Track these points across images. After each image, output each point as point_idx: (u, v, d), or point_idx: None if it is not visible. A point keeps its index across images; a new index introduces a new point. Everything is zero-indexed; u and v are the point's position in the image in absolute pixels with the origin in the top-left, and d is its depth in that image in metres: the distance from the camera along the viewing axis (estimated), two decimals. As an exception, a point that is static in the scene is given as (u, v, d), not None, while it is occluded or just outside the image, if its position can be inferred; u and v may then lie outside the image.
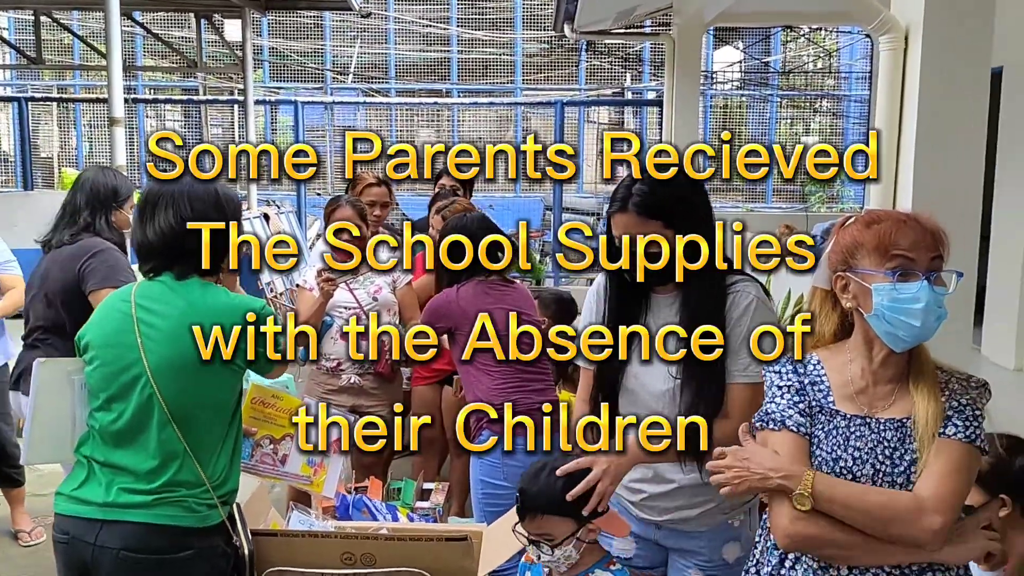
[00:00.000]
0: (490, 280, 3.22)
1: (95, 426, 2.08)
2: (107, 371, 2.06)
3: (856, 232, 1.73)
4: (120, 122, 6.04)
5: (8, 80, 17.51)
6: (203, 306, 2.06)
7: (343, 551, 2.20)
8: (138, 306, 2.07)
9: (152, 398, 2.01)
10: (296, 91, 15.61)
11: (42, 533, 4.22)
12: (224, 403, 2.08)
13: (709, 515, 2.16)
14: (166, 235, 2.09)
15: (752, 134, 15.60)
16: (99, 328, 2.12)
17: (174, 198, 2.10)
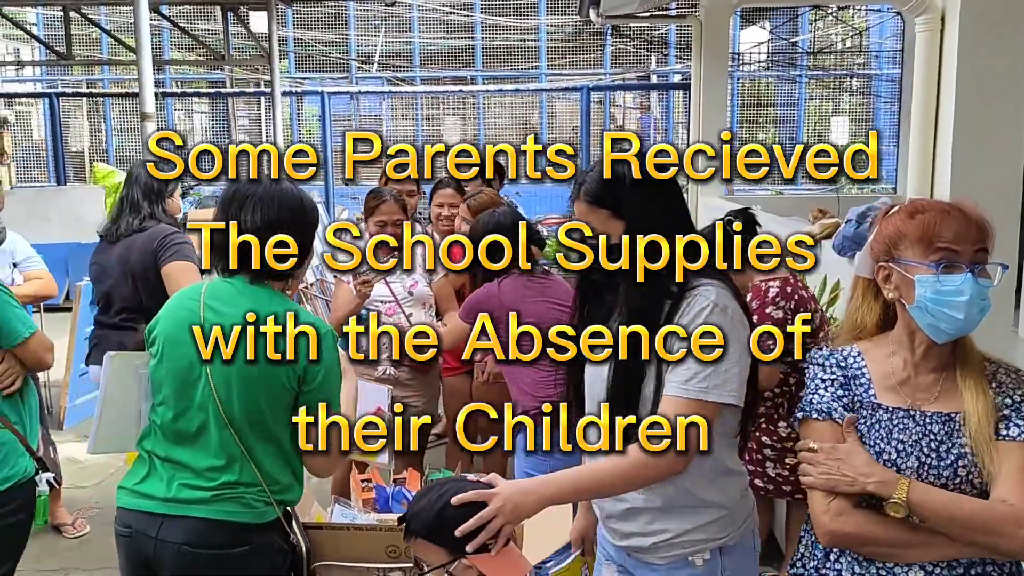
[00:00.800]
0: (529, 273, 3.23)
1: (156, 421, 2.11)
2: (171, 367, 2.08)
3: (899, 222, 1.72)
4: (152, 117, 6.11)
5: (38, 76, 17.73)
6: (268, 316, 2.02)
7: (388, 544, 2.23)
8: (206, 306, 2.08)
9: (212, 400, 2.03)
10: (322, 81, 15.67)
11: (84, 524, 4.32)
12: (284, 408, 2.06)
13: (666, 547, 1.91)
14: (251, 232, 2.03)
15: (780, 115, 15.44)
16: (167, 323, 2.13)
17: (262, 200, 2.07)
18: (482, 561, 1.76)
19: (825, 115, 15.74)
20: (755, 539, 1.99)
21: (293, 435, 2.08)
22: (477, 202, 3.91)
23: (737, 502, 1.93)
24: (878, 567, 1.71)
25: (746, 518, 1.95)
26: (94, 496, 4.68)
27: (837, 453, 1.70)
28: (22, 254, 4.21)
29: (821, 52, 15.97)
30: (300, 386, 2.06)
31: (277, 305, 2.08)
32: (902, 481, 1.64)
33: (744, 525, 1.94)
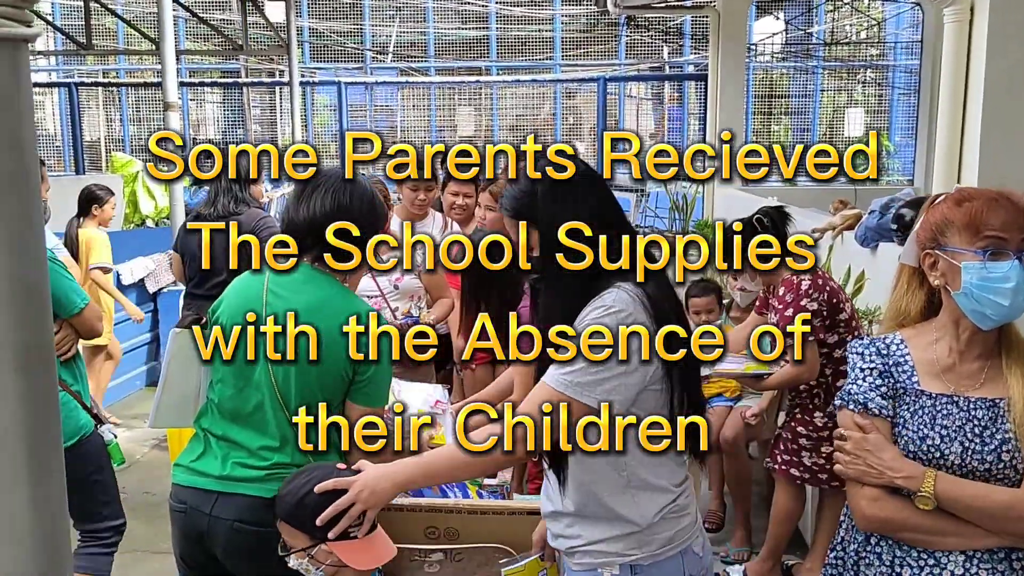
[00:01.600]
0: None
1: (214, 399, 2.15)
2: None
3: (946, 210, 1.73)
4: (174, 106, 6.15)
5: (53, 65, 17.79)
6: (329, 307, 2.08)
7: (427, 525, 2.26)
8: (270, 289, 2.11)
9: (268, 381, 2.07)
10: (336, 71, 15.68)
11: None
12: (338, 395, 2.11)
13: (580, 553, 1.85)
14: (316, 219, 2.09)
15: (795, 106, 15.38)
16: (231, 303, 2.17)
17: (335, 187, 2.12)
18: (340, 547, 1.82)
19: (840, 106, 15.68)
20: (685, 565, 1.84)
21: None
22: (499, 187, 3.89)
23: (653, 522, 1.81)
24: (918, 551, 1.73)
25: (668, 541, 1.81)
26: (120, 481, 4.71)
27: (866, 444, 1.73)
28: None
29: (837, 43, 15.89)
30: (354, 376, 2.09)
31: (337, 296, 2.12)
32: (928, 474, 1.67)
33: (666, 548, 1.81)
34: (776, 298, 3.35)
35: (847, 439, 1.76)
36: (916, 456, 1.73)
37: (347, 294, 2.17)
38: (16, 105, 0.83)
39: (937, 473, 1.68)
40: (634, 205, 11.90)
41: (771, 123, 15.53)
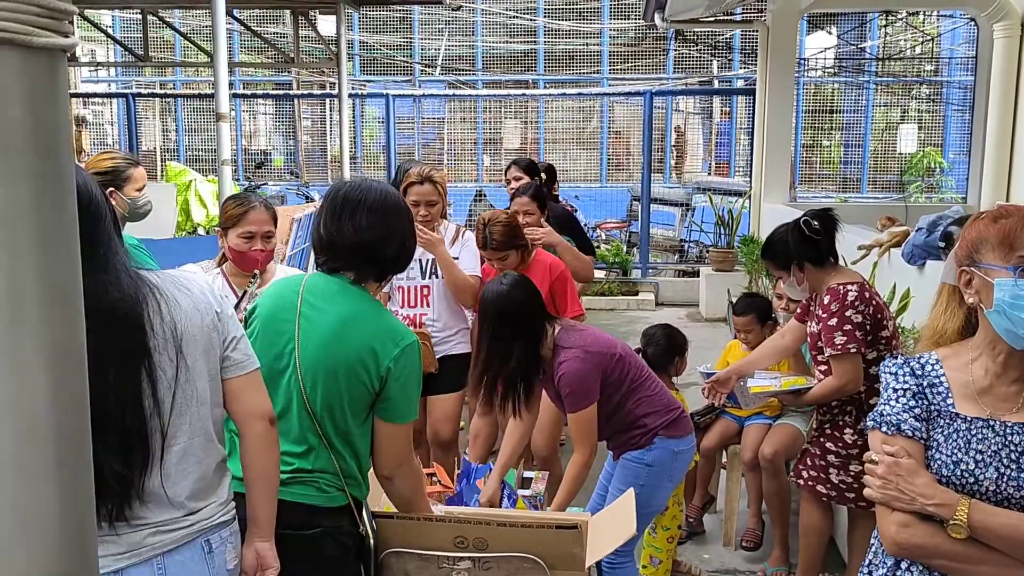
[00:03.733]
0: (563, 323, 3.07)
1: None
2: (262, 352, 2.13)
3: (983, 227, 1.70)
4: (226, 117, 6.26)
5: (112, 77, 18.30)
6: (362, 321, 2.13)
7: (456, 535, 2.27)
8: (304, 298, 2.15)
9: (297, 391, 2.10)
10: (385, 84, 15.88)
11: None
12: (363, 407, 2.13)
13: None
14: (363, 236, 2.13)
15: (846, 121, 15.19)
16: (267, 306, 2.21)
17: (374, 205, 2.16)
18: None
19: (893, 122, 15.43)
20: None
21: (365, 434, 2.17)
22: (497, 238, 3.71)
23: None
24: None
25: None
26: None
27: (899, 469, 1.67)
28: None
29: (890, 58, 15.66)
30: (380, 391, 2.12)
31: (369, 311, 2.16)
32: (962, 502, 1.61)
33: None
34: (820, 306, 3.27)
35: (878, 462, 1.71)
36: (949, 482, 1.67)
37: (380, 309, 2.21)
38: (54, 113, 0.86)
39: (971, 501, 1.62)
40: (679, 219, 11.83)
41: (822, 138, 15.34)
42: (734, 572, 3.89)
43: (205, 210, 11.21)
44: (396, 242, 2.20)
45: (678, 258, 11.32)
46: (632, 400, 3.01)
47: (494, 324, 2.92)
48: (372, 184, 2.23)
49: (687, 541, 4.08)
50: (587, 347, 2.93)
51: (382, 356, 2.10)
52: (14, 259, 0.84)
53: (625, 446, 3.05)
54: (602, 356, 2.95)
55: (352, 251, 2.15)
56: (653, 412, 3.01)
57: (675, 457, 3.01)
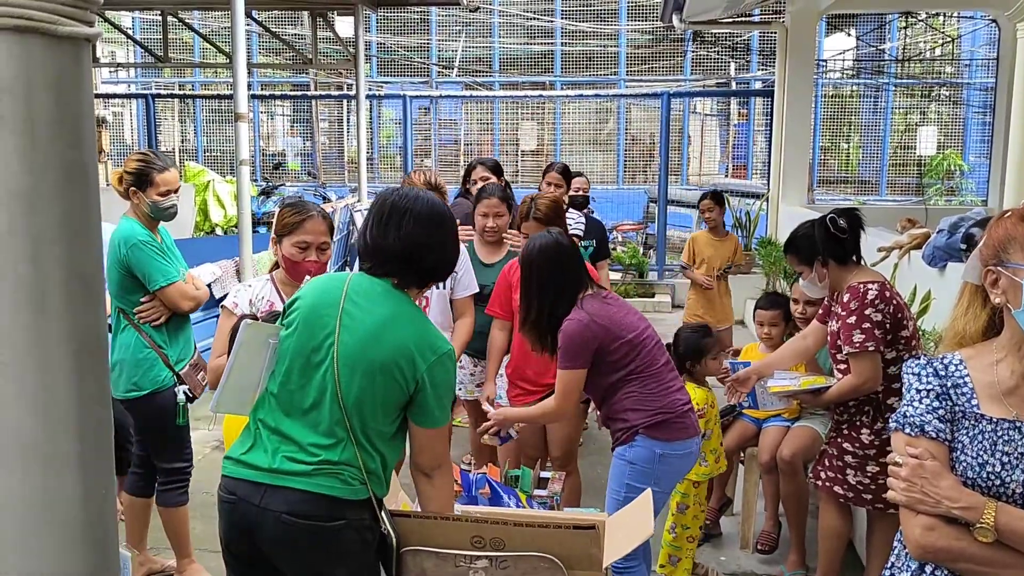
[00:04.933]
0: (597, 292, 3.12)
1: (273, 391, 2.20)
2: (301, 343, 2.18)
3: (1010, 225, 1.67)
4: (245, 117, 6.28)
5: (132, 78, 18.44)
6: (403, 324, 2.17)
7: (473, 534, 2.26)
8: (348, 296, 2.19)
9: (331, 384, 2.12)
10: (403, 85, 15.92)
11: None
12: (394, 407, 2.17)
13: None
14: (408, 243, 2.20)
15: (865, 123, 15.09)
16: (309, 301, 2.24)
17: (420, 214, 2.22)
18: None
19: (912, 125, 15.32)
20: None
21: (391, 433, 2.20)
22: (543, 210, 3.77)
23: None
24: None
25: None
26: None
27: (923, 472, 1.64)
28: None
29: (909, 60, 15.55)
30: (414, 395, 2.17)
31: (409, 315, 2.21)
32: (989, 505, 1.58)
33: None
34: (840, 304, 3.24)
35: (902, 464, 1.68)
36: (975, 484, 1.65)
37: (422, 319, 2.26)
38: (78, 102, 0.86)
39: (998, 504, 1.59)
40: (696, 221, 11.79)
41: (840, 140, 15.26)
42: (751, 575, 3.87)
43: (223, 210, 11.27)
44: (439, 251, 2.27)
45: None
46: (624, 390, 3.02)
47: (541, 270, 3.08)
48: (419, 193, 2.29)
49: (704, 543, 4.05)
50: (596, 317, 3.00)
51: (419, 361, 2.14)
52: (38, 247, 0.84)
53: (614, 439, 3.09)
54: (606, 331, 2.99)
55: (396, 258, 2.21)
56: (640, 409, 3.00)
57: (659, 459, 2.97)
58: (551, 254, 3.08)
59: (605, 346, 2.99)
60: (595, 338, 2.98)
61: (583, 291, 3.08)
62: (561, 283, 3.06)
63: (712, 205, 6.42)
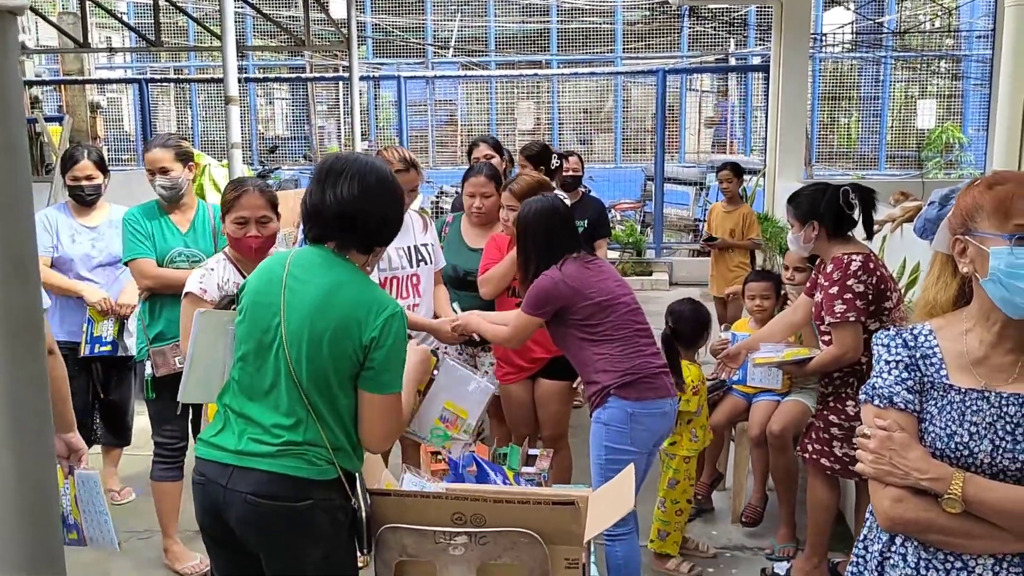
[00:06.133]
0: (582, 256, 3.18)
1: (235, 376, 2.21)
2: (251, 327, 2.17)
3: (977, 194, 1.66)
4: (235, 100, 6.24)
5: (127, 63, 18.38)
6: (344, 291, 2.12)
7: (454, 511, 2.27)
8: (290, 272, 2.16)
9: (284, 363, 2.11)
10: (398, 67, 15.84)
11: (130, 493, 4.47)
12: (349, 378, 2.13)
13: None
14: (344, 204, 2.13)
15: (864, 97, 15.00)
16: (254, 284, 2.23)
17: (359, 172, 2.16)
18: None
19: (911, 98, 15.22)
20: None
21: (352, 405, 2.16)
22: (520, 186, 3.68)
23: None
24: (945, 553, 1.65)
25: None
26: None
27: (891, 444, 1.63)
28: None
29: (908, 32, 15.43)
30: (364, 360, 2.12)
31: (354, 282, 2.15)
32: (956, 476, 1.58)
33: None
34: (823, 275, 3.27)
35: (870, 436, 1.68)
36: (943, 454, 1.65)
37: (365, 281, 2.20)
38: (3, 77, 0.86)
39: (966, 475, 1.59)
40: (693, 199, 11.76)
41: (839, 115, 15.17)
42: (741, 549, 3.89)
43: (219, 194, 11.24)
44: (378, 213, 2.19)
45: (692, 237, 11.26)
46: (596, 351, 3.08)
47: (517, 237, 3.22)
48: (360, 156, 2.23)
49: (695, 518, 4.07)
50: (567, 278, 3.09)
51: (365, 325, 2.09)
52: (-37, 227, 0.84)
53: (591, 406, 3.13)
54: (573, 291, 3.06)
55: (333, 219, 2.15)
56: (609, 371, 3.04)
57: (631, 418, 3.01)
58: (544, 215, 3.19)
59: (569, 306, 3.08)
60: (560, 297, 3.07)
61: (569, 254, 3.15)
62: (550, 243, 3.16)
63: (731, 176, 6.80)
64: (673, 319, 3.80)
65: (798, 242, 3.40)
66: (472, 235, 4.04)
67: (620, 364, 3.04)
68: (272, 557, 2.13)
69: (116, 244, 4.03)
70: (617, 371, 3.03)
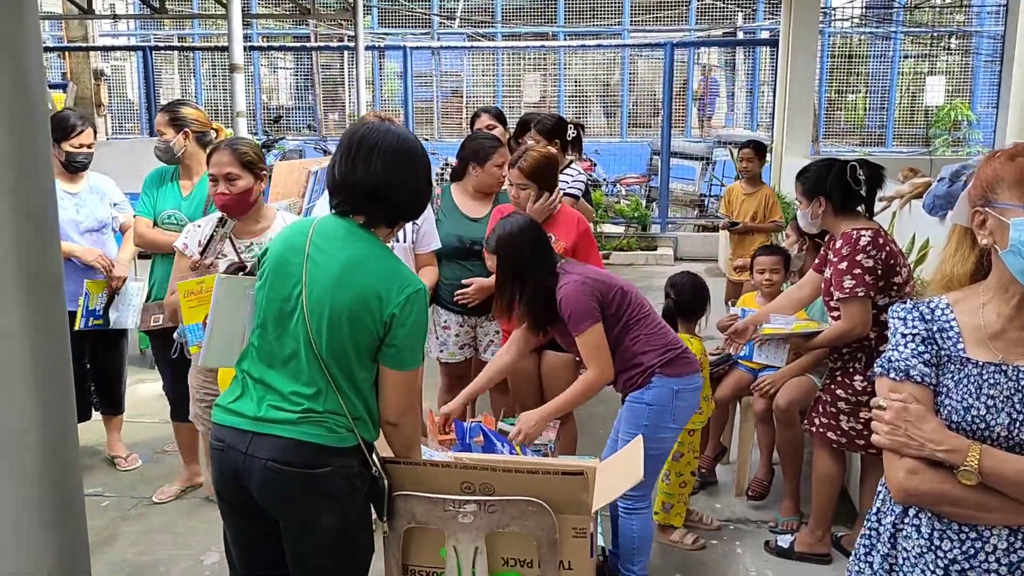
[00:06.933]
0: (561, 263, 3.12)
1: (254, 343, 2.20)
2: (272, 294, 2.16)
3: (998, 165, 1.64)
4: (240, 68, 6.22)
5: (131, 30, 18.25)
6: (368, 265, 2.12)
7: (463, 480, 2.28)
8: (313, 241, 2.15)
9: (304, 333, 2.11)
10: (404, 37, 15.72)
11: (137, 459, 4.51)
12: (368, 352, 2.13)
13: None
14: (377, 178, 2.11)
15: (873, 73, 14.88)
16: (276, 250, 2.22)
17: (392, 145, 2.13)
18: None
19: (920, 74, 15.10)
20: None
21: (371, 378, 2.17)
22: (529, 163, 3.58)
23: None
24: (959, 525, 1.65)
25: None
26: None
27: (907, 415, 1.62)
28: (118, 198, 4.38)
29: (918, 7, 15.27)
30: (384, 336, 2.12)
31: (377, 256, 2.15)
32: (973, 448, 1.57)
33: None
34: (833, 250, 3.27)
35: (885, 408, 1.66)
36: (960, 427, 1.64)
37: (389, 256, 2.19)
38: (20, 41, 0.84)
39: (982, 447, 1.58)
40: (699, 173, 11.71)
41: (847, 91, 15.06)
42: (745, 522, 3.90)
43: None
44: (410, 188, 2.18)
45: (697, 213, 11.22)
46: (630, 336, 3.02)
47: (503, 261, 3.06)
48: (390, 128, 2.20)
49: (699, 491, 4.08)
50: (587, 274, 3.02)
51: (386, 302, 2.09)
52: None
53: (627, 386, 3.07)
54: (601, 284, 3.01)
55: (364, 194, 2.13)
56: (651, 350, 3.02)
57: (675, 396, 3.00)
58: (529, 233, 3.05)
59: (604, 298, 3.00)
60: (595, 292, 2.98)
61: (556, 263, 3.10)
62: (542, 258, 3.05)
63: (752, 155, 6.25)
64: (675, 291, 3.79)
65: (806, 218, 3.39)
66: (468, 205, 3.99)
67: (658, 341, 3.03)
68: (289, 522, 2.14)
69: (99, 209, 4.26)
70: (658, 349, 3.02)
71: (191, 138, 3.89)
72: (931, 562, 1.68)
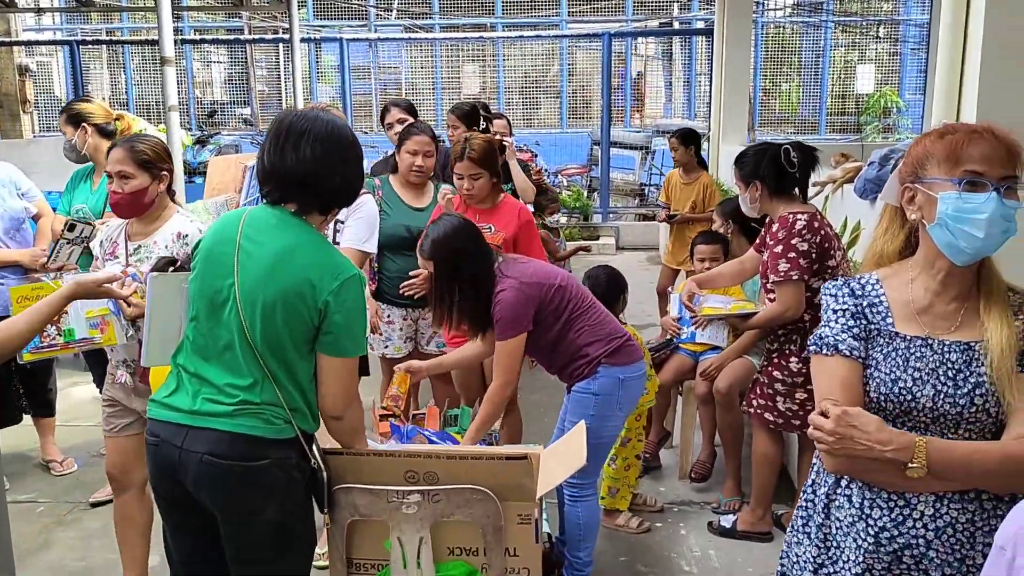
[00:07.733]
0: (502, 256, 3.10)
1: (189, 336, 2.17)
2: (204, 286, 2.13)
3: (928, 143, 1.69)
4: (171, 62, 6.04)
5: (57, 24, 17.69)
6: (300, 254, 2.09)
7: (407, 469, 2.26)
8: (244, 231, 2.11)
9: (237, 324, 2.07)
10: (340, 29, 15.53)
11: (72, 463, 4.39)
12: (304, 341, 2.10)
13: None
14: (307, 165, 2.08)
15: (805, 62, 15.18)
16: (208, 243, 2.18)
17: (322, 131, 2.11)
18: None
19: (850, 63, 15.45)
20: None
21: (309, 368, 2.14)
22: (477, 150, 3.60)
23: None
24: (888, 493, 1.69)
25: None
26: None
27: (849, 419, 1.60)
28: (25, 185, 4.20)
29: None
30: (320, 324, 2.09)
31: (310, 244, 2.11)
32: (919, 444, 1.59)
33: None
34: (770, 234, 3.35)
35: (827, 415, 1.62)
36: (887, 399, 1.69)
37: (322, 244, 2.16)
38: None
39: (927, 440, 1.60)
40: (639, 163, 11.81)
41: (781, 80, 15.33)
42: (689, 503, 3.96)
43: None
44: (340, 175, 2.15)
45: (638, 202, 11.33)
46: (574, 330, 3.01)
47: (439, 266, 2.96)
48: (319, 115, 2.17)
49: (644, 475, 4.13)
50: (523, 278, 2.96)
51: (320, 289, 2.06)
52: None
53: (573, 377, 3.06)
54: (539, 287, 2.96)
55: (294, 182, 2.11)
56: (595, 341, 3.02)
57: (621, 385, 3.01)
58: (465, 234, 2.98)
59: (543, 301, 2.97)
60: (532, 299, 2.95)
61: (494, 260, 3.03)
62: (479, 259, 2.98)
63: (676, 144, 6.26)
64: (591, 283, 3.79)
65: (746, 203, 3.45)
66: (410, 195, 3.96)
67: (602, 331, 3.03)
68: (228, 515, 2.11)
69: (11, 200, 4.07)
70: (603, 339, 3.02)
71: (92, 132, 3.84)
72: (862, 530, 1.73)
